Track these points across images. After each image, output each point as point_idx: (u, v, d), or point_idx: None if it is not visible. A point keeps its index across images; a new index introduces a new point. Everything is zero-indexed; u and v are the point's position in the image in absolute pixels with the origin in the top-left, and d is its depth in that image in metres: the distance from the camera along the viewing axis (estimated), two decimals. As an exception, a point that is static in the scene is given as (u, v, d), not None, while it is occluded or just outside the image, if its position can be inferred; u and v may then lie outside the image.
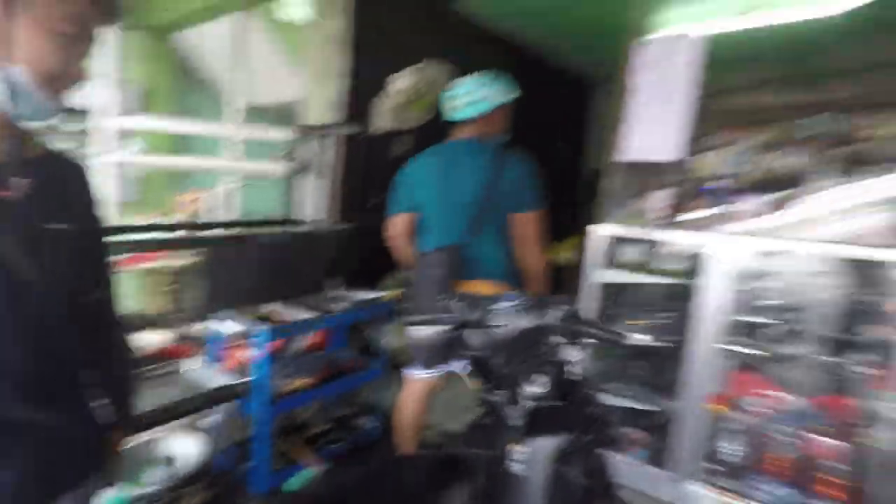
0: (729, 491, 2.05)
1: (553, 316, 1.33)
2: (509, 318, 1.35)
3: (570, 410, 1.37)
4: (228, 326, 2.17)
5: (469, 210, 2.07)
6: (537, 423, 1.31)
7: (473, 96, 2.12)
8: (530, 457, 1.32)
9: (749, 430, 2.10)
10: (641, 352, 2.36)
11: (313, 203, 3.17)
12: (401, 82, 3.15)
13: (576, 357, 1.35)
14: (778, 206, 2.09)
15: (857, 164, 2.18)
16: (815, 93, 3.61)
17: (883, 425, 1.81)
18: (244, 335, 2.17)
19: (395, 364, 2.84)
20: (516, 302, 1.38)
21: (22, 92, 0.80)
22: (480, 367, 1.44)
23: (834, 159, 2.22)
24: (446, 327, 1.47)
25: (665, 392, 2.24)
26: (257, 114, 4.17)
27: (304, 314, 2.30)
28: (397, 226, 2.28)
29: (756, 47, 3.03)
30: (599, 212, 2.43)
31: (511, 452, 1.31)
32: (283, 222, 3.02)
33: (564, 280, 3.13)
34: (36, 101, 0.82)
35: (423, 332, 1.50)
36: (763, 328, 2.05)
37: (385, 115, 3.27)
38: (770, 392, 2.10)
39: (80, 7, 0.84)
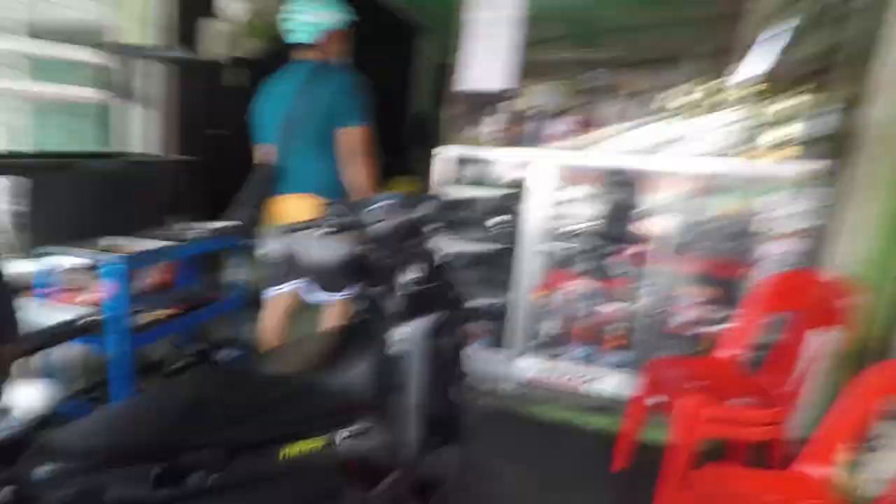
0: (550, 357, 2.65)
1: (425, 208, 1.50)
2: (385, 215, 1.48)
3: (439, 292, 1.64)
4: (68, 260, 1.93)
5: (285, 126, 2.16)
6: (414, 306, 1.51)
7: (307, 18, 2.16)
8: (410, 336, 1.55)
9: (560, 311, 2.70)
10: (478, 258, 2.78)
11: (141, 135, 2.84)
12: (233, 8, 2.93)
13: (446, 242, 1.59)
14: (576, 130, 2.64)
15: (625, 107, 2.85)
16: (593, 50, 4.45)
17: (642, 292, 2.53)
18: (89, 268, 1.96)
19: (253, 295, 2.82)
20: (391, 201, 1.51)
21: None
22: (359, 265, 1.59)
23: (609, 103, 2.86)
24: (326, 230, 1.58)
25: (499, 288, 2.71)
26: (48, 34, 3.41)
27: (152, 245, 2.15)
28: (260, 157, 2.26)
29: (549, 8, 3.63)
30: (443, 136, 2.73)
31: (393, 335, 1.53)
32: (109, 155, 2.66)
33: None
34: None
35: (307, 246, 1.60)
36: (566, 232, 2.63)
37: (219, 40, 3.02)
38: (573, 282, 2.72)
39: None
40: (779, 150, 2.34)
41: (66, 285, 2.09)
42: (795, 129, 2.32)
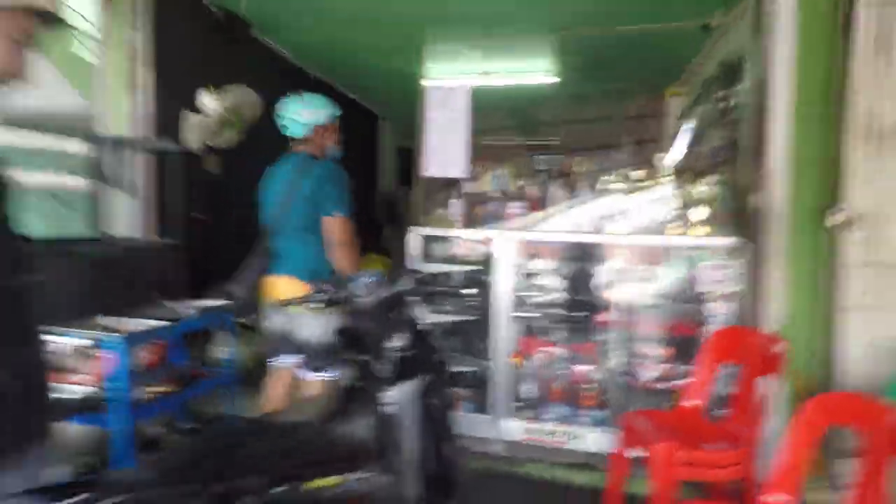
0: (531, 419, 2.77)
1: (405, 283, 1.69)
2: (370, 290, 1.65)
3: (424, 357, 1.79)
4: (68, 340, 2.01)
5: (276, 212, 2.36)
6: (401, 370, 1.64)
7: (298, 117, 2.38)
8: (399, 398, 1.69)
9: (537, 374, 2.86)
10: (455, 328, 2.96)
11: (126, 220, 3.01)
12: (210, 103, 3.22)
13: (425, 313, 1.77)
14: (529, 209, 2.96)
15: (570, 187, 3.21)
16: (536, 138, 5.08)
17: (610, 353, 2.73)
18: (86, 347, 2.04)
19: (243, 371, 2.90)
20: (374, 277, 1.69)
21: None
22: (349, 336, 1.75)
23: (558, 184, 3.22)
24: (319, 304, 1.74)
25: (478, 355, 2.87)
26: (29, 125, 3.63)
27: (148, 323, 2.26)
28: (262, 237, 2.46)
29: (496, 100, 4.23)
30: (412, 216, 3.01)
31: (383, 398, 1.66)
32: (96, 240, 2.80)
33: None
34: None
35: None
36: (533, 300, 2.87)
37: (197, 133, 3.28)
38: (546, 347, 2.91)
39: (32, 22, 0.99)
40: (701, 226, 2.70)
41: (60, 366, 2.15)
42: (710, 208, 2.71)
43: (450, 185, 3.07)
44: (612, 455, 2.25)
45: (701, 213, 2.79)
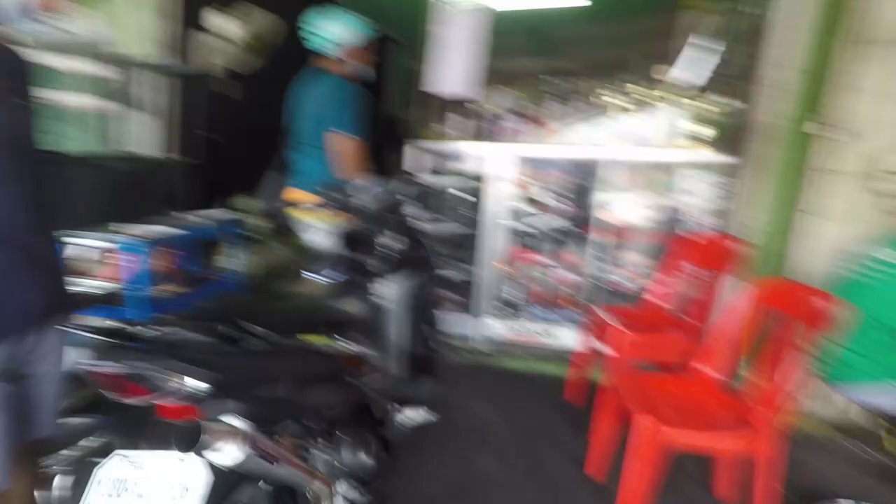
0: (512, 318, 3.05)
1: (402, 188, 1.88)
2: (371, 195, 1.83)
3: (416, 255, 2.01)
4: (89, 242, 2.25)
5: (291, 127, 2.44)
6: (394, 266, 1.87)
7: (331, 35, 2.33)
8: (390, 291, 1.90)
9: (521, 279, 3.10)
10: (448, 237, 3.18)
11: (141, 139, 3.16)
12: (232, 28, 3.25)
13: (417, 213, 1.97)
14: (529, 127, 3.07)
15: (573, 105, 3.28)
16: (552, 60, 4.98)
17: (589, 261, 2.95)
18: (105, 249, 2.28)
19: (248, 280, 3.15)
20: (370, 183, 1.86)
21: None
22: (352, 239, 1.95)
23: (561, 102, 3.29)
24: (327, 211, 1.91)
25: (466, 263, 3.11)
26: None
27: (162, 229, 2.48)
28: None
29: (515, 23, 4.15)
30: (412, 132, 3.13)
31: (375, 289, 1.86)
32: (113, 156, 2.97)
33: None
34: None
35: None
36: (523, 213, 3.05)
37: (213, 55, 3.33)
38: (531, 255, 3.13)
39: None
40: (697, 143, 2.82)
41: (84, 265, 2.40)
42: (709, 126, 2.82)
43: (451, 101, 3.15)
44: (578, 348, 2.53)
45: (699, 129, 2.90)
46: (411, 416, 1.72)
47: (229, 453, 0.86)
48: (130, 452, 0.92)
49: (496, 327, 3.03)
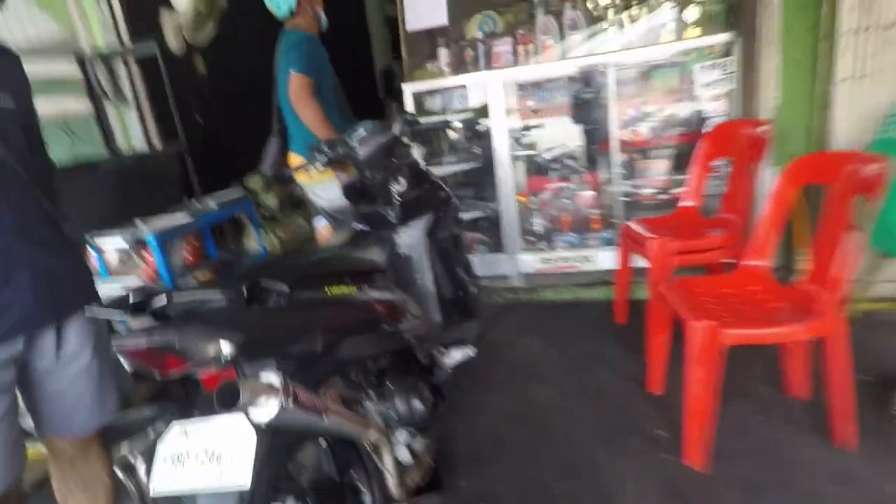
0: (543, 250, 2.97)
1: (398, 125, 1.71)
2: (366, 140, 1.70)
3: (428, 195, 1.91)
4: (114, 241, 2.25)
5: (275, 91, 2.44)
6: (408, 211, 1.76)
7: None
8: (409, 238, 1.81)
9: (546, 208, 3.00)
10: (462, 177, 3.08)
11: (130, 133, 3.12)
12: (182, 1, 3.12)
13: (420, 153, 1.84)
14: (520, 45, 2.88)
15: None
16: None
17: (613, 177, 2.81)
18: (132, 246, 2.28)
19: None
20: (368, 128, 1.73)
21: None
22: (356, 190, 1.86)
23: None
24: (320, 167, 1.81)
25: (485, 199, 3.02)
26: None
27: (175, 219, 2.46)
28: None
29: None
30: (405, 75, 2.99)
31: (394, 239, 1.77)
32: (106, 159, 2.95)
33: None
34: None
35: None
36: (531, 139, 2.92)
37: (176, 32, 3.22)
38: (551, 183, 3.01)
39: None
40: (695, 28, 2.59)
41: (114, 267, 2.41)
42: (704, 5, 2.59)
43: (435, 36, 2.98)
44: (617, 269, 2.44)
45: (695, 12, 2.68)
46: (456, 357, 1.68)
47: (268, 408, 0.83)
48: (185, 422, 0.91)
49: (530, 261, 2.96)
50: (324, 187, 2.36)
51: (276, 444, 0.91)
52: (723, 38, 2.46)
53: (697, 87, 2.61)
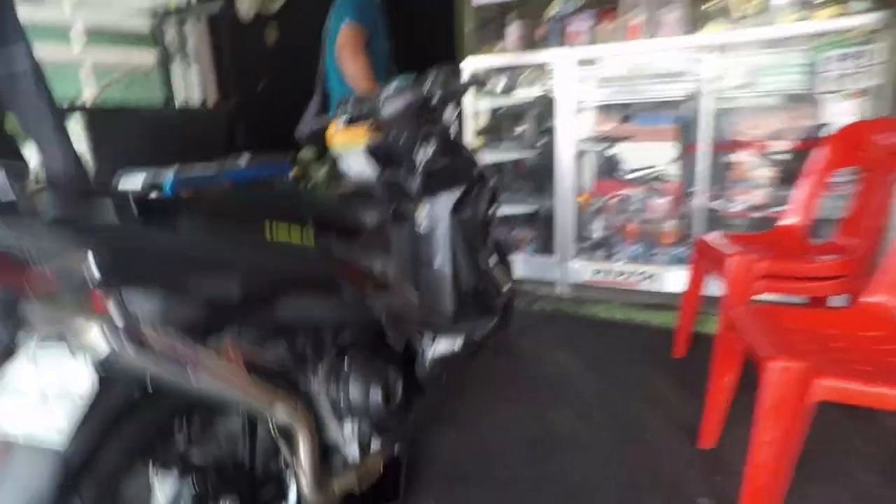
0: (603, 259, 2.56)
1: (432, 82, 1.47)
2: (395, 97, 1.47)
3: (458, 166, 1.61)
4: (134, 181, 2.15)
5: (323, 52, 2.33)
6: (435, 183, 1.51)
7: None
8: (430, 213, 1.53)
9: (610, 213, 2.59)
10: (518, 165, 2.74)
11: (190, 87, 3.09)
12: None
13: (452, 117, 1.55)
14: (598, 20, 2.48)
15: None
16: None
17: (696, 181, 2.35)
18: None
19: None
20: (399, 84, 1.50)
21: None
22: (379, 154, 1.60)
23: None
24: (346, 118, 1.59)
25: (542, 194, 2.65)
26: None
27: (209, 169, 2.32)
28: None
29: None
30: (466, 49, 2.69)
31: (414, 215, 1.51)
32: (160, 108, 2.93)
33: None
34: None
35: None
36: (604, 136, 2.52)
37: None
38: (622, 188, 2.59)
39: None
40: (827, 7, 2.07)
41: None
42: None
43: (506, 9, 2.67)
44: (685, 291, 2.00)
45: None
46: (440, 348, 1.36)
47: (94, 344, 0.57)
48: (40, 346, 0.67)
49: (582, 270, 2.56)
50: (355, 156, 2.13)
51: (116, 396, 0.64)
52: (867, 19, 1.95)
53: (822, 82, 2.10)
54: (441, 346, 1.35)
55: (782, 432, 1.07)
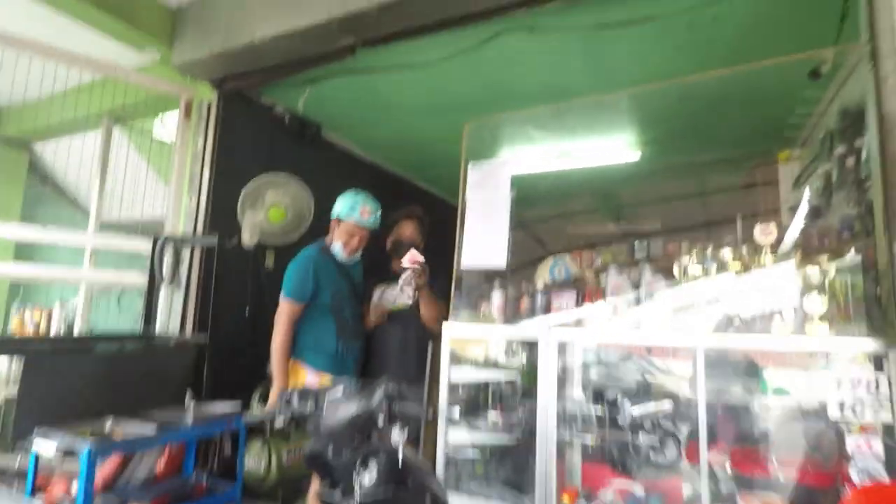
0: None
1: (378, 398, 1.32)
2: (339, 405, 1.34)
3: (407, 496, 1.35)
4: (48, 447, 1.87)
5: None
6: None
7: (378, 213, 2.61)
8: None
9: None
10: (499, 450, 2.42)
11: (168, 315, 3.05)
12: (269, 197, 3.23)
13: (398, 438, 1.34)
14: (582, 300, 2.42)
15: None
16: (620, 223, 4.49)
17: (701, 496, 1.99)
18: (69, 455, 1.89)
19: (268, 484, 2.61)
20: (344, 389, 1.39)
21: None
22: (318, 464, 1.39)
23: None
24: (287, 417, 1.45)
25: (522, 489, 2.28)
26: (123, 229, 3.98)
27: (142, 429, 2.07)
28: None
29: (571, 184, 3.83)
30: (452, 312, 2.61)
31: None
32: (129, 337, 2.83)
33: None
34: None
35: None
36: (588, 414, 2.25)
37: (253, 229, 3.29)
38: (615, 481, 2.23)
39: None
40: (821, 322, 1.92)
41: (56, 475, 2.04)
42: (835, 297, 1.93)
43: (493, 276, 2.65)
44: None
45: (820, 303, 2.04)
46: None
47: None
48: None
49: None
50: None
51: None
52: (863, 342, 1.77)
53: (833, 405, 1.85)
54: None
55: None
